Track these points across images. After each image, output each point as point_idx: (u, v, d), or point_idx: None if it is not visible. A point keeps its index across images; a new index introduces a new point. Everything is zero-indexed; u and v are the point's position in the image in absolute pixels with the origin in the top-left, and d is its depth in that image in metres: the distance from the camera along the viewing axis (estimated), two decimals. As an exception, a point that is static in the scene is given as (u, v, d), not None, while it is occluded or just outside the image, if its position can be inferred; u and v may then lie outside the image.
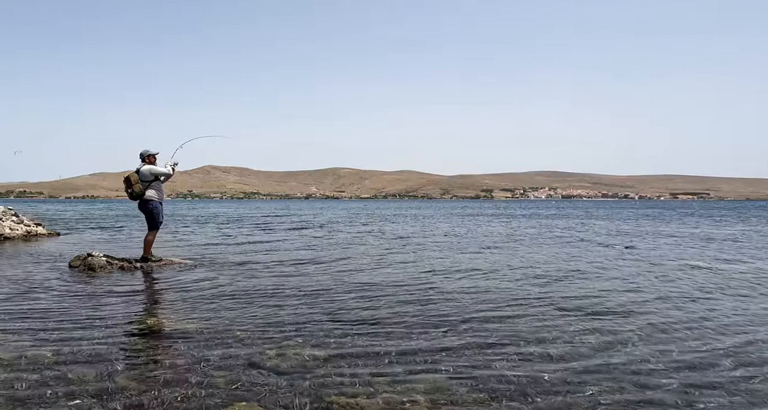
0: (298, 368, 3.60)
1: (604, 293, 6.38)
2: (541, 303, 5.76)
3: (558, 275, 7.81)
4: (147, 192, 8.46)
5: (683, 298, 6.08)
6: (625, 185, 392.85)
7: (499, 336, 4.42)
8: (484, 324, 4.83)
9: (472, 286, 6.88)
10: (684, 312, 5.34)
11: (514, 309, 5.45)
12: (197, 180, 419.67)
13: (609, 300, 5.91)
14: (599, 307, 5.55)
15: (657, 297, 6.12)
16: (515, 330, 4.60)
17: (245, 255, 10.30)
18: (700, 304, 5.74)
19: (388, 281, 7.17)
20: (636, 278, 7.51)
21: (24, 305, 5.55)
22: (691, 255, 10.62)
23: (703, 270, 8.37)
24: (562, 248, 12.17)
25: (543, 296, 6.15)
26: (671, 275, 7.84)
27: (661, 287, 6.83)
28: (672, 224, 24.43)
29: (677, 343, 4.25)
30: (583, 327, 4.73)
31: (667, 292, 6.43)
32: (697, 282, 7.19)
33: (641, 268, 8.60)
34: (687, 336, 4.48)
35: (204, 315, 5.15)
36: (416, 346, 4.11)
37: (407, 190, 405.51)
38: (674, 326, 4.78)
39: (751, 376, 3.50)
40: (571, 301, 5.88)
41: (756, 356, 3.93)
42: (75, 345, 4.09)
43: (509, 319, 5.01)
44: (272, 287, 6.65)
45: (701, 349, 4.08)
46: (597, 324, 4.81)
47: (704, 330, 4.67)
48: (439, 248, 12.17)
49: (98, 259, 8.19)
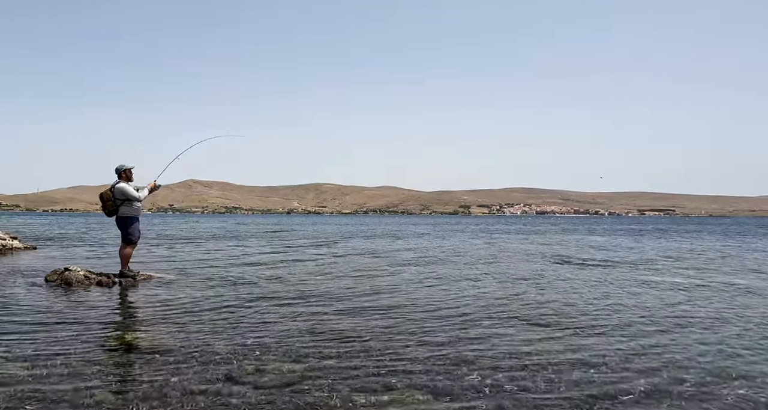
0: (277, 383, 3.61)
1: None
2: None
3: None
4: (120, 209, 8.37)
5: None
6: (595, 201, 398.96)
7: (494, 354, 4.47)
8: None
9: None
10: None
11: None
12: (178, 194, 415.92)
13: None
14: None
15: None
16: (505, 351, 4.66)
17: (227, 270, 10.24)
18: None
19: (366, 292, 7.19)
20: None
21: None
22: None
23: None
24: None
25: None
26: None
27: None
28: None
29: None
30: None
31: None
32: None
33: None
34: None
35: (182, 329, 5.12)
36: (398, 362, 4.14)
37: (388, 205, 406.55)
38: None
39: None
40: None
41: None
42: (51, 361, 4.04)
43: (502, 337, 5.07)
44: (253, 302, 6.63)
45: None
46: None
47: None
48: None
49: (76, 273, 8.08)
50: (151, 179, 8.71)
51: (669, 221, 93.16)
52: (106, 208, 8.38)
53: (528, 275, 9.81)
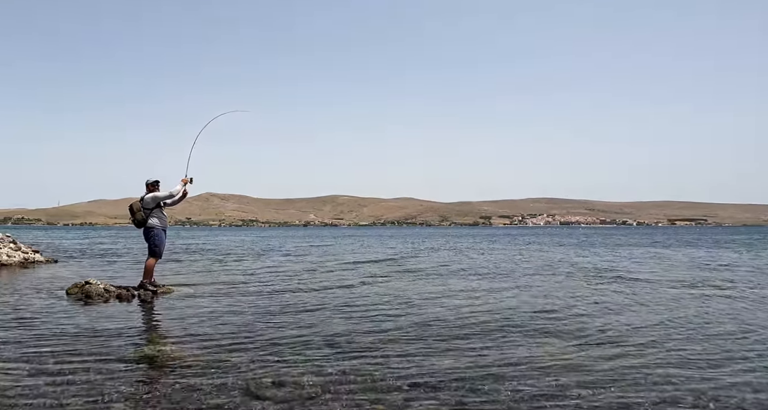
0: (297, 396, 3.56)
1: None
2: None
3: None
4: (149, 220, 8.53)
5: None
6: (622, 211, 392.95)
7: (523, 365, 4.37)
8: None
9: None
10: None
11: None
12: (196, 207, 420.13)
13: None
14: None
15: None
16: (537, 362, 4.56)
17: (246, 282, 10.25)
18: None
19: (381, 303, 7.12)
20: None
21: (20, 333, 5.49)
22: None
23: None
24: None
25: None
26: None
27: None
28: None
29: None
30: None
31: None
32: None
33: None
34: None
35: (201, 342, 5.10)
36: (417, 372, 4.07)
37: (406, 217, 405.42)
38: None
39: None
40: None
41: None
42: (71, 373, 4.04)
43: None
44: (271, 314, 6.60)
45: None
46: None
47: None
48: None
49: (96, 287, 8.14)
50: (180, 177, 8.88)
51: (712, 231, 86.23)
52: (136, 219, 8.53)
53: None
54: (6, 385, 3.75)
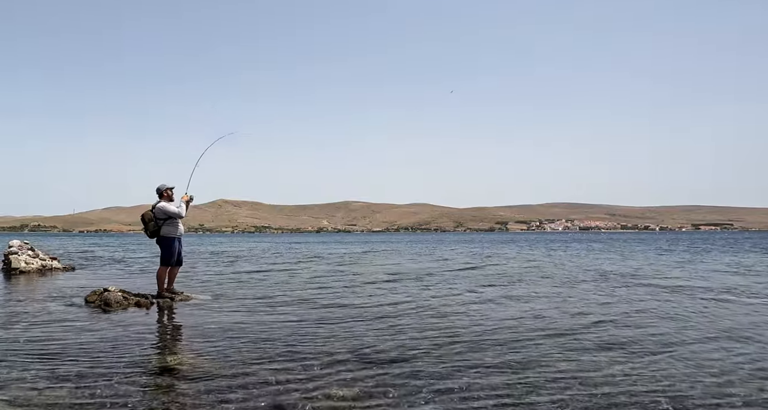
0: (327, 408, 3.41)
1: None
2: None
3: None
4: (162, 229, 8.42)
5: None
6: (644, 216, 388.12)
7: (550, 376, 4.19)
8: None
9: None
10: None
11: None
12: (209, 214, 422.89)
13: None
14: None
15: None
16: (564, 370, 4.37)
17: (269, 290, 10.13)
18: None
19: (415, 310, 6.95)
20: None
21: (40, 341, 5.41)
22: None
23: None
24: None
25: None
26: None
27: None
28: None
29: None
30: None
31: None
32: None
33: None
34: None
35: (223, 352, 4.97)
36: (452, 384, 3.91)
37: (420, 223, 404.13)
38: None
39: None
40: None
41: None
42: (92, 383, 3.94)
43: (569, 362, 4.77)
44: (295, 324, 6.47)
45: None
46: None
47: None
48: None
49: (114, 294, 8.07)
50: (181, 194, 8.72)
51: (745, 235, 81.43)
52: (148, 229, 8.42)
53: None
54: (27, 395, 3.65)
